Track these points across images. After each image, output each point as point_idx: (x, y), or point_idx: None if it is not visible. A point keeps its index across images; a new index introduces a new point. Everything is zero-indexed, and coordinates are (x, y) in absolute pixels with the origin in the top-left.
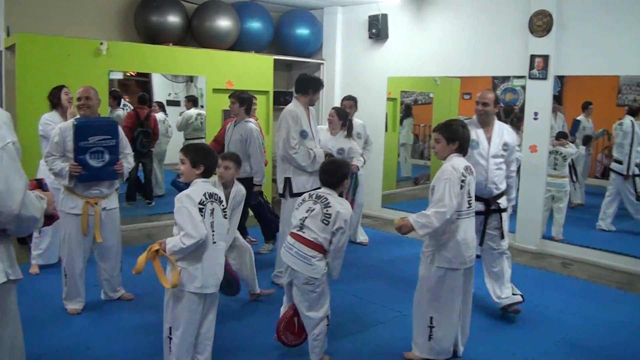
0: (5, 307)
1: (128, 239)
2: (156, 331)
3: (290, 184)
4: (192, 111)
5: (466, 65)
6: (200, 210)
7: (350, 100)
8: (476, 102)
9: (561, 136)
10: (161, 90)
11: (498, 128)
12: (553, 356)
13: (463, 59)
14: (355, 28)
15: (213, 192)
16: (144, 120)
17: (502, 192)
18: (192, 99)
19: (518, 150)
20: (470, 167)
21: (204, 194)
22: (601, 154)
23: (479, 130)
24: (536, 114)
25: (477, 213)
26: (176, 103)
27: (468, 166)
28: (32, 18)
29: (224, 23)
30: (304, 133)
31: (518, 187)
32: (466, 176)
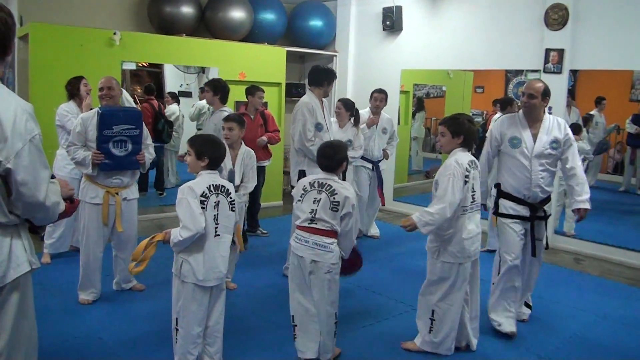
0: (27, 296)
1: (139, 230)
2: (167, 322)
3: (304, 177)
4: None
5: (480, 58)
6: (202, 202)
7: (382, 93)
8: (522, 94)
9: (576, 129)
10: (173, 81)
11: (548, 124)
12: (565, 352)
13: (477, 52)
14: (369, 20)
15: (219, 184)
16: (159, 110)
17: (549, 197)
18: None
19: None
20: (474, 162)
21: (208, 186)
22: (613, 150)
23: (524, 125)
24: (550, 109)
25: (522, 218)
26: (188, 94)
27: (473, 160)
28: (45, 8)
29: (238, 14)
30: (319, 125)
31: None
32: (470, 171)
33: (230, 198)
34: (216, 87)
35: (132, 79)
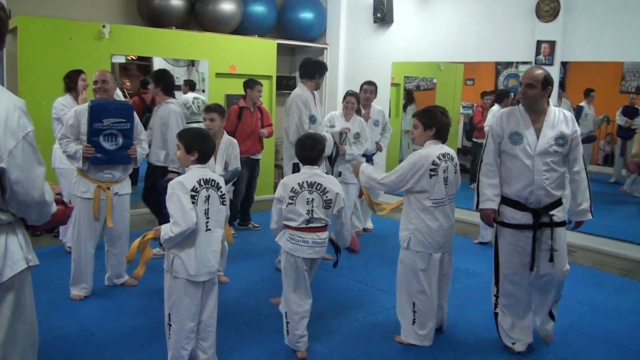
0: (24, 294)
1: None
2: (160, 317)
3: (298, 170)
4: (189, 95)
5: (472, 50)
6: (192, 197)
7: (372, 85)
8: (519, 84)
9: None
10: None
11: (553, 117)
12: (557, 343)
13: (469, 44)
14: (359, 12)
15: (209, 178)
16: (150, 104)
17: (558, 201)
18: (190, 84)
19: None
20: (449, 154)
21: (199, 181)
22: (603, 141)
23: (526, 119)
24: None
25: (524, 227)
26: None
27: (447, 153)
28: (34, 0)
29: (227, 6)
30: (313, 118)
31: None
32: (439, 164)
33: (220, 192)
34: (157, 78)
35: (122, 72)
